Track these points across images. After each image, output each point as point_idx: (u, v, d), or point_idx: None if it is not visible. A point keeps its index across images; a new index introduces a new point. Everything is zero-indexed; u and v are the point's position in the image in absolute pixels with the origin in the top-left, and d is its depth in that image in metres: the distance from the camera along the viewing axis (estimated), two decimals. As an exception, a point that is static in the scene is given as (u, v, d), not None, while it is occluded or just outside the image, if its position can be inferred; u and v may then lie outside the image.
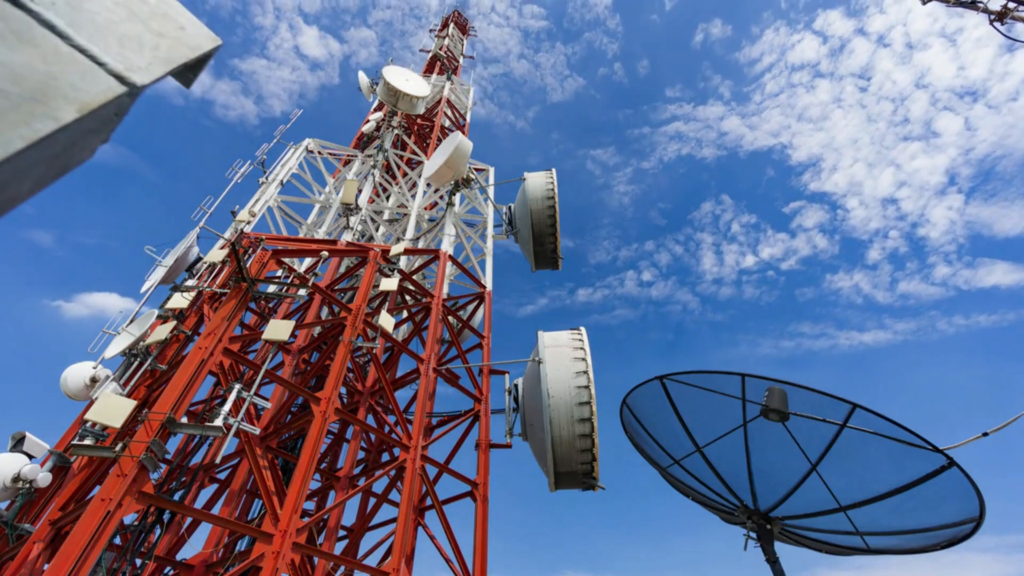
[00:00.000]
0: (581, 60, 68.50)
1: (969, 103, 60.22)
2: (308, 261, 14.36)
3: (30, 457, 9.14)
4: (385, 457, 14.21)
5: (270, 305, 13.93)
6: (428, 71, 28.82)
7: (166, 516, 8.13)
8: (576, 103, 69.45)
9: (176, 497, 9.45)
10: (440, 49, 30.57)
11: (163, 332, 10.46)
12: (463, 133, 21.51)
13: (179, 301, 11.05)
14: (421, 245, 16.62)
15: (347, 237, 13.62)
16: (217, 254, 11.84)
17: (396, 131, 20.27)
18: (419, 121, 22.82)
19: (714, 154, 69.22)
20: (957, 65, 61.58)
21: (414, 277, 14.23)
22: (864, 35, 63.69)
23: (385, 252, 13.22)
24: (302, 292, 10.70)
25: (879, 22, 63.20)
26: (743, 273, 67.90)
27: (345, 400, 14.27)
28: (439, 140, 21.85)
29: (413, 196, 18.52)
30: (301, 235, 15.58)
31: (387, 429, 11.36)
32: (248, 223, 12.93)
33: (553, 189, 17.41)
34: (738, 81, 67.32)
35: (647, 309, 73.25)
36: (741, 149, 68.05)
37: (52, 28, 0.96)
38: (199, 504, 10.92)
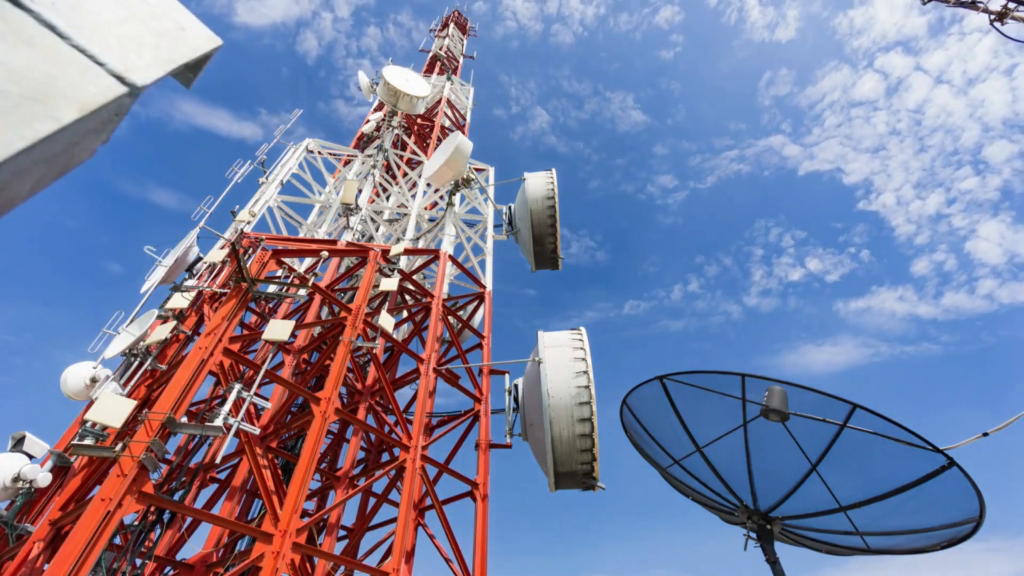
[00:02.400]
0: (650, 100, 71.81)
1: (1020, 133, 61.25)
2: (308, 261, 14.35)
3: (30, 457, 9.13)
4: (385, 457, 14.21)
5: (270, 305, 13.93)
6: (428, 71, 28.81)
7: (166, 516, 8.13)
8: (643, 133, 72.84)
9: (176, 497, 9.45)
10: (440, 49, 30.57)
11: (163, 332, 10.46)
12: (463, 133, 21.51)
13: (179, 301, 11.05)
14: (421, 245, 16.63)
15: (347, 237, 13.62)
16: (217, 254, 11.84)
17: (396, 131, 20.27)
18: (419, 121, 22.82)
19: (772, 175, 71.51)
20: (1011, 97, 62.69)
21: (414, 277, 14.23)
22: (923, 71, 65.30)
23: (385, 252, 13.22)
24: (302, 292, 10.70)
25: (939, 57, 64.52)
26: (790, 286, 69.43)
27: (345, 400, 14.27)
28: (439, 140, 21.85)
29: (413, 196, 18.51)
30: (301, 235, 15.58)
31: (387, 429, 11.36)
32: (248, 223, 12.93)
33: (553, 189, 17.40)
34: (799, 120, 69.95)
35: (691, 321, 75.16)
36: (798, 172, 70.00)
37: (52, 28, 0.96)
38: (199, 504, 10.91)
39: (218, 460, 10.51)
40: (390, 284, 12.04)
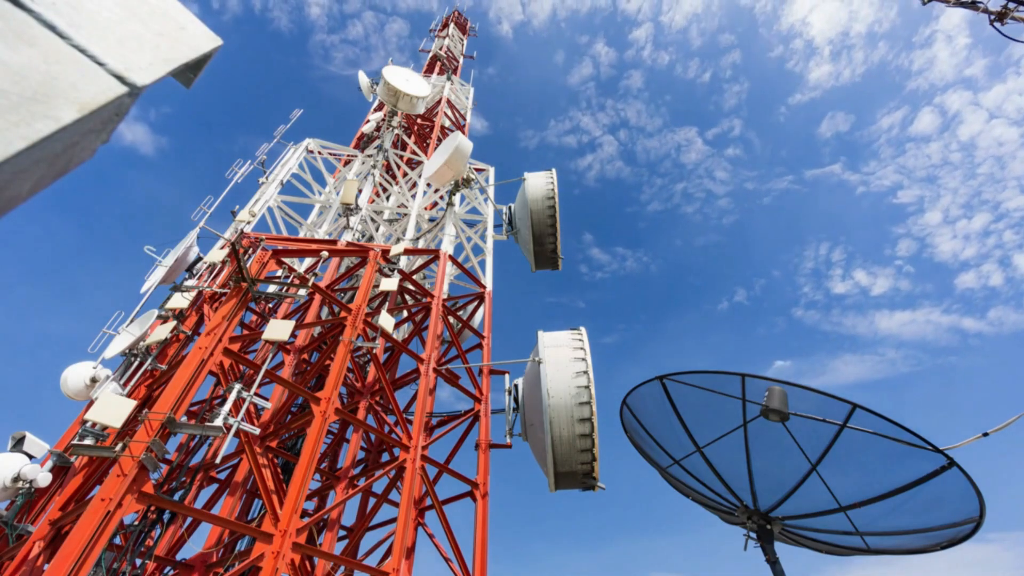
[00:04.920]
0: (713, 135, 79.57)
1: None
2: (308, 261, 14.35)
3: (30, 457, 9.13)
4: (385, 457, 14.21)
5: (270, 305, 13.93)
6: (428, 71, 28.81)
7: (166, 516, 8.13)
8: (705, 161, 79.15)
9: (176, 497, 9.45)
10: (440, 49, 30.57)
11: (163, 332, 10.46)
12: (463, 133, 21.51)
13: (179, 301, 11.05)
14: (421, 245, 16.62)
15: (347, 237, 13.62)
16: (217, 254, 11.83)
17: (396, 131, 20.26)
18: (419, 121, 22.82)
19: (825, 196, 76.96)
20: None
21: (414, 277, 14.22)
22: (978, 106, 67.76)
23: (385, 252, 13.22)
24: (302, 292, 10.70)
25: (997, 92, 66.72)
26: (835, 298, 72.23)
27: (345, 400, 14.27)
28: (439, 140, 21.85)
29: (413, 196, 18.52)
30: (301, 235, 15.58)
31: (387, 429, 11.36)
32: (248, 223, 12.93)
33: (553, 189, 17.40)
34: (856, 153, 74.64)
35: (733, 330, 79.47)
36: (851, 194, 74.55)
37: (52, 28, 0.96)
38: (199, 504, 10.92)
39: (218, 460, 10.51)
40: (390, 284, 12.04)
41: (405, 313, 14.57)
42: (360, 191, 16.77)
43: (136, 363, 10.54)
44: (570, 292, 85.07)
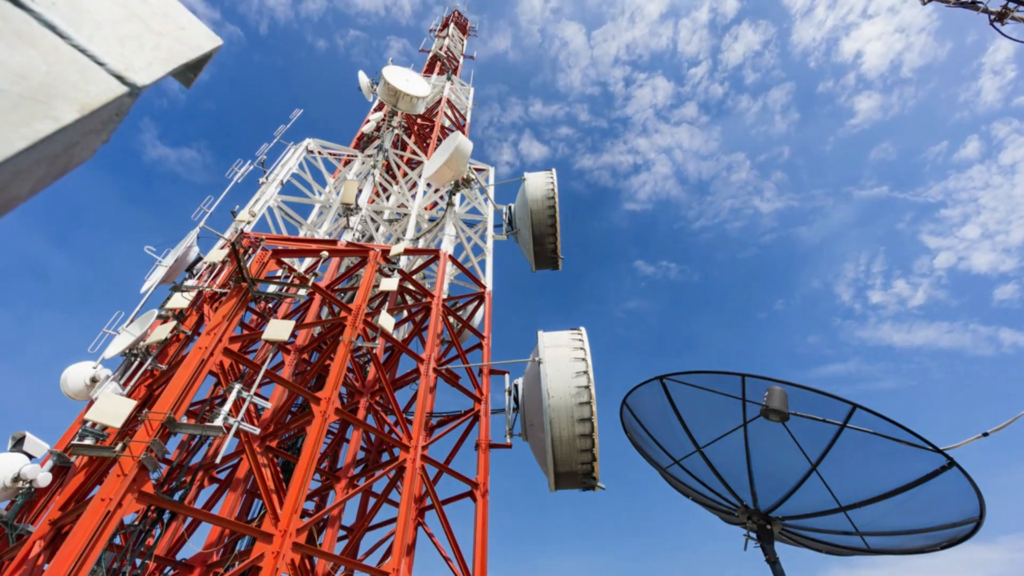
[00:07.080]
0: (762, 160, 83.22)
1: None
2: (308, 261, 14.35)
3: (30, 457, 9.14)
4: (385, 457, 14.21)
5: (270, 305, 13.92)
6: (428, 71, 28.82)
7: (166, 516, 8.13)
8: (752, 181, 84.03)
9: (176, 497, 9.45)
10: (440, 49, 30.57)
11: (163, 332, 10.46)
12: (463, 133, 21.51)
13: (179, 301, 11.05)
14: (421, 245, 16.62)
15: (347, 237, 13.62)
16: (217, 254, 11.84)
17: (396, 131, 20.26)
18: (419, 121, 22.82)
19: (864, 212, 78.30)
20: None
21: (414, 277, 14.22)
22: (1022, 134, 69.59)
23: (385, 252, 13.22)
24: (302, 292, 10.70)
25: None
26: (872, 308, 74.02)
27: (345, 400, 14.26)
28: (439, 140, 21.85)
29: (413, 196, 18.52)
30: (301, 235, 15.58)
31: (387, 429, 11.36)
32: (248, 223, 12.93)
33: (553, 189, 17.40)
34: (900, 182, 76.53)
35: (768, 339, 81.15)
36: (890, 209, 76.56)
37: (52, 28, 0.96)
38: (199, 504, 10.92)
39: (218, 460, 10.51)
40: (390, 284, 12.04)
41: (405, 313, 14.58)
42: (360, 191, 16.77)
43: (136, 363, 10.55)
44: (609, 301, 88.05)
